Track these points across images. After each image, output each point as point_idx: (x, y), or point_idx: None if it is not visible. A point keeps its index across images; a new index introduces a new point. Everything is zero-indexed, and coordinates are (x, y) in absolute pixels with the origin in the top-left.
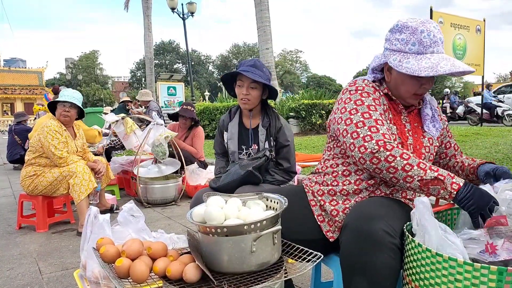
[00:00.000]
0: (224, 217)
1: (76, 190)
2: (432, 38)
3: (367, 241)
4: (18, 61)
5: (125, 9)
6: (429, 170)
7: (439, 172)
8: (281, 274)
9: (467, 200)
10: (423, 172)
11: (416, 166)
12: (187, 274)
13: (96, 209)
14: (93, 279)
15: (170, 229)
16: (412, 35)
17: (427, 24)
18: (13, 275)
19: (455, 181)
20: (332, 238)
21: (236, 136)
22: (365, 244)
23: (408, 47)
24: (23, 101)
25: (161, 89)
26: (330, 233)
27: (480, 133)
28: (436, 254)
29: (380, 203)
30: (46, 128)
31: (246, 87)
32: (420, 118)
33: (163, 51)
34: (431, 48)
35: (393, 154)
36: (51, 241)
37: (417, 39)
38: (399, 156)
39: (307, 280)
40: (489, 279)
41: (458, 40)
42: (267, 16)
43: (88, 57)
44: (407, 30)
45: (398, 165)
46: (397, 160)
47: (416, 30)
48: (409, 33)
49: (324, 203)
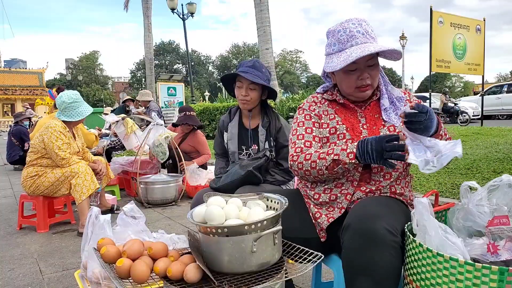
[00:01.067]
0: (225, 217)
1: (78, 190)
2: (348, 33)
3: (370, 240)
4: (18, 62)
5: (124, 10)
6: (327, 155)
7: (334, 152)
8: (282, 274)
9: (367, 156)
10: (324, 161)
11: (317, 159)
12: (187, 274)
13: (97, 209)
14: (94, 279)
15: (170, 230)
16: (332, 37)
17: (344, 23)
18: (14, 276)
19: (348, 151)
20: (323, 238)
21: (236, 136)
22: (368, 243)
23: (332, 49)
24: (24, 101)
25: (161, 90)
26: (323, 232)
27: (480, 132)
28: (437, 254)
29: (379, 203)
30: (50, 128)
31: (245, 88)
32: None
33: (163, 52)
34: (349, 43)
35: (299, 161)
36: (52, 241)
37: (336, 39)
38: (303, 160)
39: (308, 281)
40: (491, 279)
41: (458, 40)
42: (267, 16)
43: (88, 58)
44: (330, 34)
45: (306, 167)
46: (305, 163)
47: (335, 32)
48: (331, 36)
49: (310, 205)
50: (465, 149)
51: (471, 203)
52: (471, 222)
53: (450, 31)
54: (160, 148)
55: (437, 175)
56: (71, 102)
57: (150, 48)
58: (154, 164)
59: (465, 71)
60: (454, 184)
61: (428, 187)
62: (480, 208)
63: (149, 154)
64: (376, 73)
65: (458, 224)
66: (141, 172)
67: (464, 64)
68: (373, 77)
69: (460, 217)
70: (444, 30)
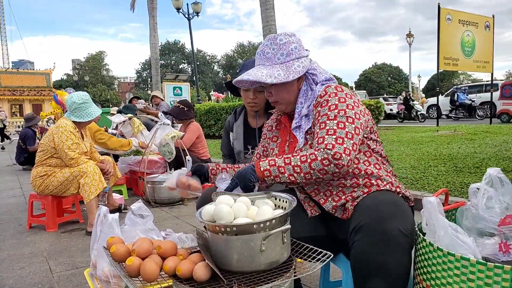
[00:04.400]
0: (233, 216)
1: (86, 189)
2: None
3: (383, 241)
4: (26, 63)
5: (131, 10)
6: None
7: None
8: (291, 273)
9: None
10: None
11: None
12: (197, 273)
13: (106, 208)
14: (103, 277)
15: (178, 229)
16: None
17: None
18: (24, 274)
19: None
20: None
21: (242, 136)
22: (381, 244)
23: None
24: (31, 102)
25: (167, 90)
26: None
27: (489, 131)
28: (448, 254)
29: (386, 201)
30: (61, 128)
31: (252, 91)
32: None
33: (169, 52)
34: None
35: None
36: (61, 240)
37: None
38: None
39: (316, 280)
40: (503, 279)
41: (467, 37)
42: (272, 15)
43: (94, 58)
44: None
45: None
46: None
47: None
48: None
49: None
50: (474, 147)
51: (481, 205)
52: (482, 224)
53: (458, 28)
54: (167, 147)
55: (445, 174)
56: (82, 103)
57: (155, 48)
58: (161, 163)
59: (473, 68)
60: (463, 183)
61: (437, 186)
62: (491, 211)
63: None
64: (276, 92)
65: (469, 225)
66: (148, 172)
67: (472, 62)
68: (275, 94)
69: (471, 219)
70: (452, 27)
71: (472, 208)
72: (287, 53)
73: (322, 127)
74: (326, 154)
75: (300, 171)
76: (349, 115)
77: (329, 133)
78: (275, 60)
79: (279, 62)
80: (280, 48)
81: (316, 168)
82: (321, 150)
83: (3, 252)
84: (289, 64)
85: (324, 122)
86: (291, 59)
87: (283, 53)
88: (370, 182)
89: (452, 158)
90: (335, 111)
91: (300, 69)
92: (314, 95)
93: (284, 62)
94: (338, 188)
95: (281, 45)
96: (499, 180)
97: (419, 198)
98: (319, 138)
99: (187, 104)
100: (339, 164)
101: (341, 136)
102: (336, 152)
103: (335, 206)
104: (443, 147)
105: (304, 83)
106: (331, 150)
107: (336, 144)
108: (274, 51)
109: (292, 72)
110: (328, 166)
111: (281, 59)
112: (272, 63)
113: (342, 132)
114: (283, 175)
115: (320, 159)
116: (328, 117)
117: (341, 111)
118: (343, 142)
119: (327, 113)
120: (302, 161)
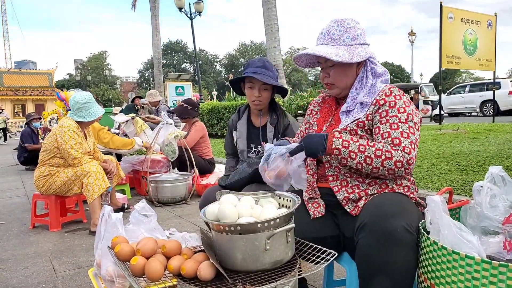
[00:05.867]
0: (238, 215)
1: (89, 189)
2: (320, 31)
3: (388, 240)
4: (28, 63)
5: (132, 9)
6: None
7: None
8: (295, 272)
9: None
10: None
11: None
12: (201, 272)
13: (110, 208)
14: (107, 277)
15: (181, 228)
16: None
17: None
18: (28, 274)
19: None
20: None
21: (245, 134)
22: (386, 242)
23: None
24: (34, 102)
25: (169, 89)
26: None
27: (492, 129)
28: (453, 252)
29: (392, 200)
30: (64, 128)
31: (257, 89)
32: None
33: (171, 51)
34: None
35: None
36: (64, 240)
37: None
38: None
39: (319, 279)
40: (508, 277)
41: (469, 36)
42: (275, 14)
43: (96, 58)
44: None
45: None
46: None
47: None
48: None
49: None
50: (477, 145)
51: (485, 203)
52: (487, 223)
53: (460, 27)
54: (170, 147)
55: (448, 173)
56: (85, 103)
57: (158, 47)
58: (164, 163)
59: (476, 67)
60: (466, 182)
61: (440, 185)
62: (496, 210)
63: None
64: (335, 73)
65: (473, 223)
66: (151, 171)
67: (475, 60)
68: (333, 76)
69: (475, 217)
70: (455, 25)
71: (476, 206)
72: (353, 37)
73: (394, 127)
74: (403, 157)
75: (370, 163)
76: (416, 121)
77: (403, 135)
78: (340, 41)
79: (344, 44)
80: (347, 31)
81: (387, 166)
82: (399, 151)
83: (7, 252)
84: (353, 47)
85: (396, 123)
86: (356, 43)
87: (349, 36)
88: (386, 184)
89: (455, 157)
90: (405, 114)
91: (363, 54)
92: (375, 89)
93: (349, 45)
94: (355, 182)
95: (348, 28)
96: (502, 179)
97: (423, 197)
98: (395, 139)
99: (191, 103)
100: (408, 169)
101: (413, 141)
102: (411, 158)
103: (347, 197)
104: (446, 145)
105: (362, 70)
106: (408, 154)
107: (411, 149)
108: (341, 33)
109: (356, 55)
110: (399, 168)
111: (346, 41)
112: (337, 44)
113: (413, 137)
114: (352, 160)
115: (395, 160)
116: (399, 119)
117: (409, 115)
118: (414, 148)
119: (397, 115)
120: (376, 155)
